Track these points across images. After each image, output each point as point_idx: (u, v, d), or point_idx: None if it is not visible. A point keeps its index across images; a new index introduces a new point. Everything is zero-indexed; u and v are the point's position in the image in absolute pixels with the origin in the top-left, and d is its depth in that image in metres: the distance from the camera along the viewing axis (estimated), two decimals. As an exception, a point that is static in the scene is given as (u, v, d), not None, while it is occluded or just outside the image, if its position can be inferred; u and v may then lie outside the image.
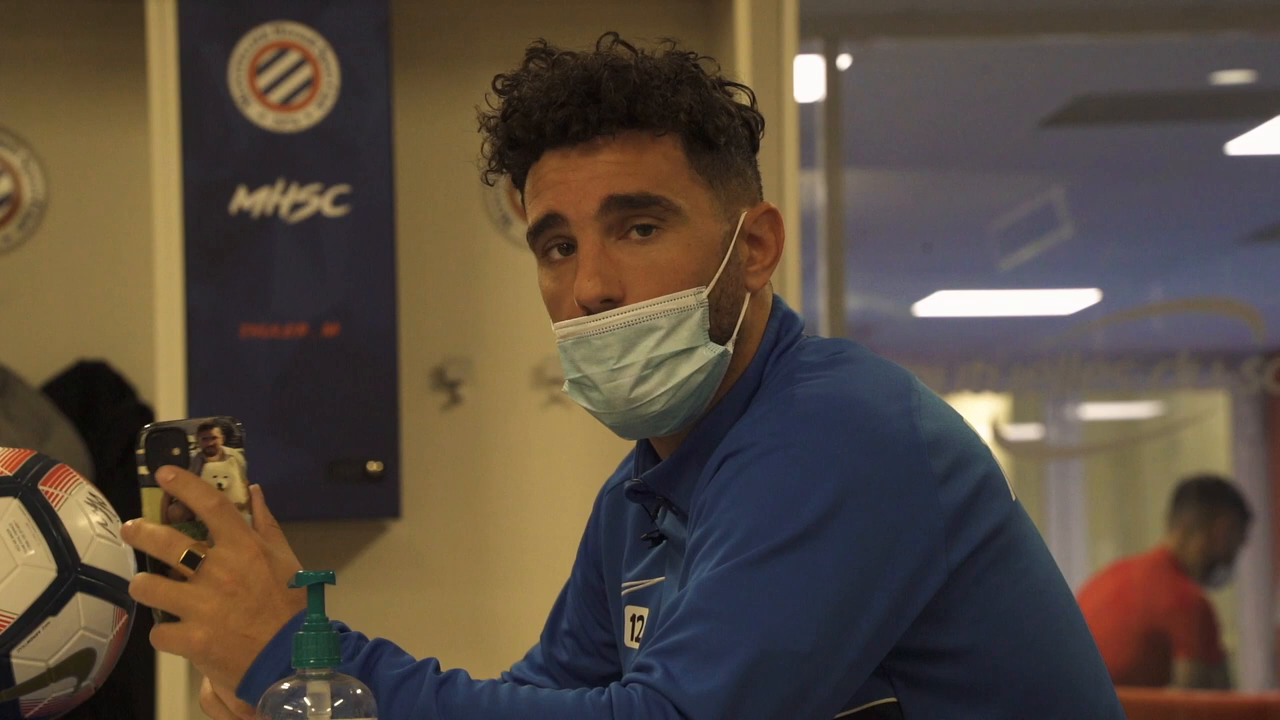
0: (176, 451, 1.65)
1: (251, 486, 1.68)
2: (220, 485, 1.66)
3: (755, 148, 1.83)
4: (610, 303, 1.74)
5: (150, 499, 1.66)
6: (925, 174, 7.50)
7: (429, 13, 4.13)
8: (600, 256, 1.74)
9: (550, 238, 1.77)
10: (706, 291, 1.75)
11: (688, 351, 1.74)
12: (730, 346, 1.77)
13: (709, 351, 1.75)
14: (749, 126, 1.81)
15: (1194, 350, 6.67)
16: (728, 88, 1.81)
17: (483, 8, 4.14)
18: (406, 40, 4.06)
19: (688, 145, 1.76)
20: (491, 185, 1.91)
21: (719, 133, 1.76)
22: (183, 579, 1.64)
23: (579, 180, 1.75)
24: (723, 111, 1.77)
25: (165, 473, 1.65)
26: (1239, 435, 10.03)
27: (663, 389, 1.75)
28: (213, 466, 1.66)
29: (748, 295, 1.79)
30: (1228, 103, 6.70)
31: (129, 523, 1.66)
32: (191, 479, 1.65)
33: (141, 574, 1.66)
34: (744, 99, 1.83)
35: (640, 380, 1.74)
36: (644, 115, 1.74)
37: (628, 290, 1.74)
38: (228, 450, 1.65)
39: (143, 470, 1.66)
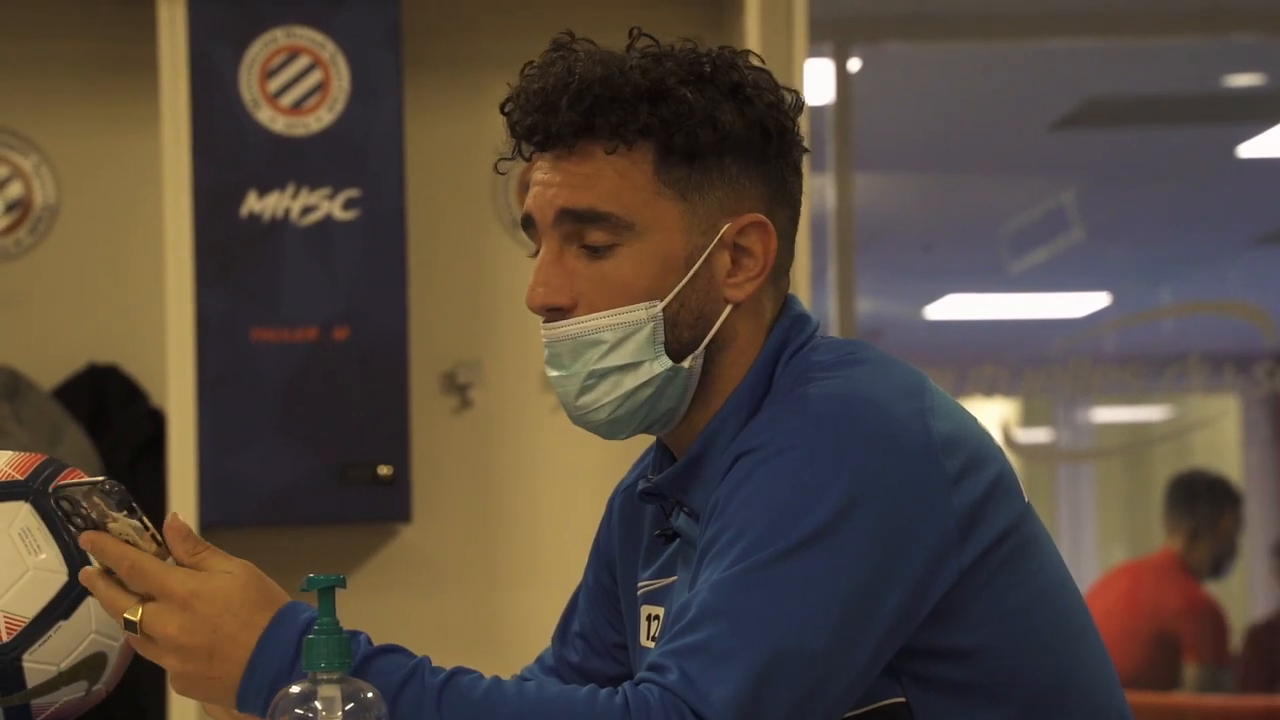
0: (85, 509, 1.63)
1: (170, 516, 1.66)
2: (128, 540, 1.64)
3: (775, 155, 1.79)
4: (559, 312, 1.76)
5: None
6: (935, 177, 7.51)
7: (439, 16, 4.13)
8: (553, 265, 1.76)
9: (531, 237, 1.81)
10: (660, 306, 1.75)
11: (633, 365, 1.75)
12: (691, 362, 1.76)
13: (658, 366, 1.75)
14: (765, 133, 1.77)
15: (1205, 353, 6.67)
16: (749, 89, 1.77)
17: (493, 12, 4.15)
18: (417, 44, 4.06)
19: (660, 157, 1.74)
20: (504, 175, 1.93)
21: (694, 146, 1.74)
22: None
23: (545, 187, 1.77)
24: (705, 123, 1.74)
25: (85, 538, 1.64)
26: (1250, 438, 10.03)
27: (606, 399, 1.76)
28: (114, 528, 1.63)
29: (727, 307, 1.78)
30: (1238, 105, 6.70)
31: (89, 570, 1.66)
32: (107, 542, 1.63)
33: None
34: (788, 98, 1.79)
35: (584, 390, 1.76)
36: (601, 130, 1.74)
37: (580, 300, 1.76)
38: (115, 514, 1.62)
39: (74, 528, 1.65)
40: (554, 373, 1.77)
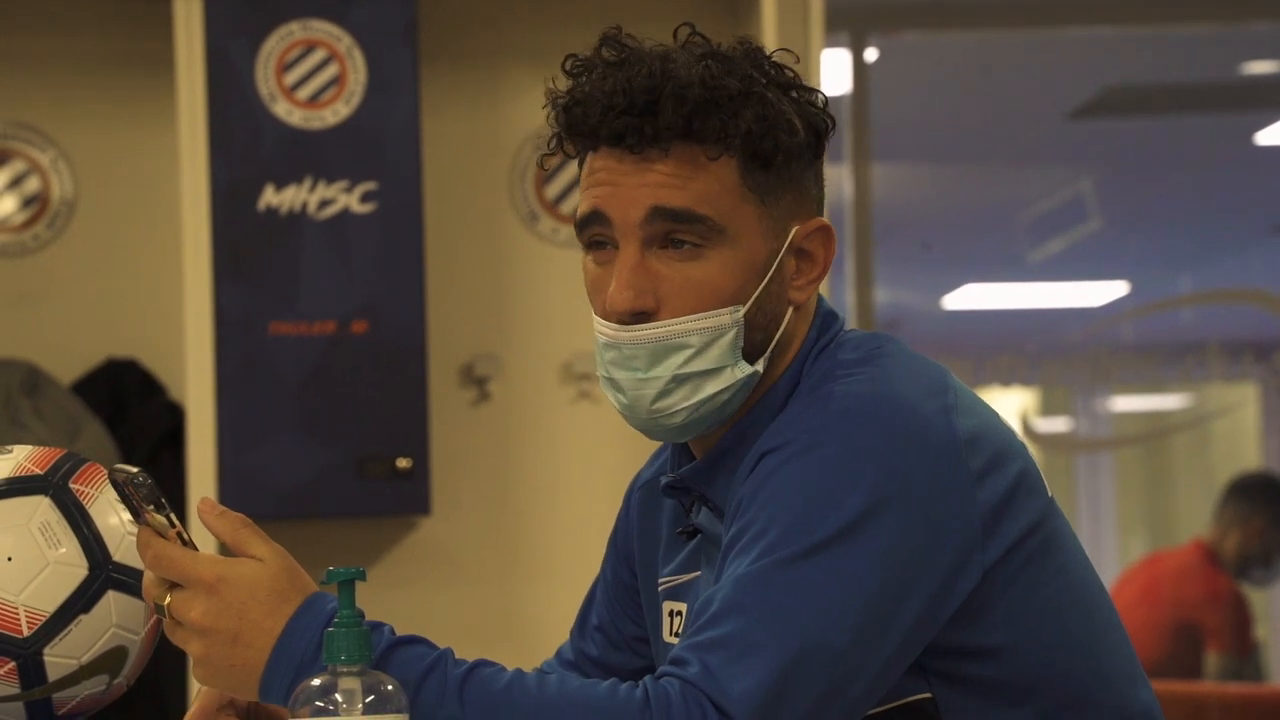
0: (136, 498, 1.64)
1: (200, 501, 1.67)
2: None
3: (821, 154, 1.80)
4: (643, 315, 1.74)
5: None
6: (953, 167, 7.49)
7: (456, 9, 4.13)
8: (637, 268, 1.73)
9: (594, 234, 1.77)
10: (743, 311, 1.74)
11: (716, 370, 1.74)
12: (762, 365, 1.76)
13: (739, 371, 1.75)
14: (817, 134, 1.78)
15: (1223, 341, 6.66)
16: (797, 90, 1.77)
17: (509, 5, 4.14)
18: (433, 37, 4.06)
19: (743, 164, 1.74)
20: (547, 170, 1.91)
21: (777, 151, 1.74)
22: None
23: (629, 186, 1.74)
24: (785, 126, 1.74)
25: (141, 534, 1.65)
26: (1270, 426, 10.00)
27: (685, 404, 1.74)
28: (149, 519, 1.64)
29: (790, 310, 1.78)
30: (1257, 93, 6.69)
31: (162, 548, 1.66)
32: (140, 534, 1.64)
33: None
34: (818, 98, 1.80)
35: (664, 394, 1.74)
36: (701, 134, 1.72)
37: (662, 303, 1.74)
38: (147, 507, 1.62)
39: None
40: (624, 374, 1.74)
